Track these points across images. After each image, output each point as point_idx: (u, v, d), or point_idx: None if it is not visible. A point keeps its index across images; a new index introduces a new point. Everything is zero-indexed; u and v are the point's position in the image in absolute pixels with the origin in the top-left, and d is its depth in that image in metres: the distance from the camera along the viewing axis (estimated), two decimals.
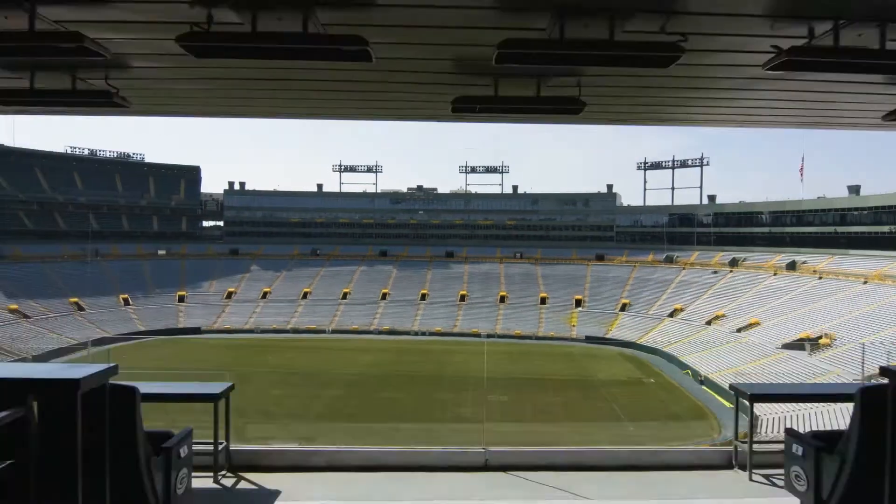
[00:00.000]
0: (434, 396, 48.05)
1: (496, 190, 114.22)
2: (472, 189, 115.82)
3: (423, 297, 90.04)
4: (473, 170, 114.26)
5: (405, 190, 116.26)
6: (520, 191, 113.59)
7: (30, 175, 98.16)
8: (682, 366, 59.33)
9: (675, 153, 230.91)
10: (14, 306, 69.99)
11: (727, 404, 45.96)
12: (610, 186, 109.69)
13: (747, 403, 7.24)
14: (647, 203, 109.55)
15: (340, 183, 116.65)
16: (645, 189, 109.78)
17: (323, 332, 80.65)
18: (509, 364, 61.00)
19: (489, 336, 78.52)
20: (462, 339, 77.38)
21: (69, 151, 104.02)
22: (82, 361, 57.43)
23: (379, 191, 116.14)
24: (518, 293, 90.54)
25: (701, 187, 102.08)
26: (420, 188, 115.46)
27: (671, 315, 76.64)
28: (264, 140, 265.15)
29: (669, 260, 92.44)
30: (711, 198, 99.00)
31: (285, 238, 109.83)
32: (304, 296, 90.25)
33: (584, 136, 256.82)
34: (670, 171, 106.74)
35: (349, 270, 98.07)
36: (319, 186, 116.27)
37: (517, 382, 52.84)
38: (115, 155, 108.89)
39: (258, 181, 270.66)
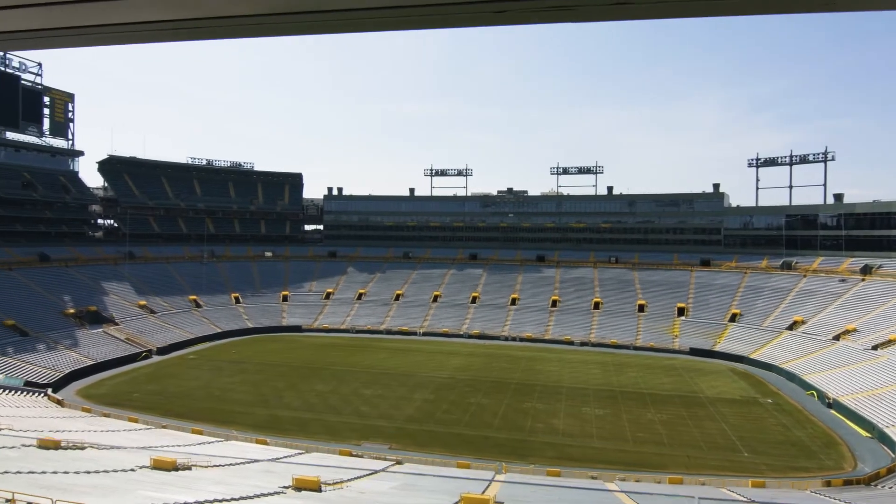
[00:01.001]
0: (525, 405, 46.83)
1: (589, 191, 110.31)
2: (564, 191, 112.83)
3: (514, 301, 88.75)
4: (565, 171, 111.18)
5: (495, 193, 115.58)
6: (615, 192, 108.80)
7: (157, 184, 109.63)
8: (806, 385, 53.18)
9: (792, 147, 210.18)
10: (143, 302, 78.16)
11: (863, 433, 40.50)
12: (716, 186, 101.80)
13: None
14: (760, 203, 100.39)
15: (431, 187, 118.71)
16: (757, 188, 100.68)
17: (414, 333, 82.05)
18: (605, 375, 58.28)
19: (583, 344, 75.67)
20: (553, 345, 75.27)
21: (190, 161, 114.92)
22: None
23: (469, 194, 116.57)
24: (613, 299, 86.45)
25: (825, 185, 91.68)
26: (510, 191, 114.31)
27: (790, 328, 69.21)
28: (360, 146, 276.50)
29: (787, 266, 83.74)
30: (838, 196, 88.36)
31: (379, 241, 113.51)
32: (397, 298, 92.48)
33: (687, 132, 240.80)
34: (787, 167, 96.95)
35: (440, 273, 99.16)
36: (411, 190, 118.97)
37: (614, 395, 50.29)
38: (229, 164, 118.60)
39: (354, 186, 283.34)
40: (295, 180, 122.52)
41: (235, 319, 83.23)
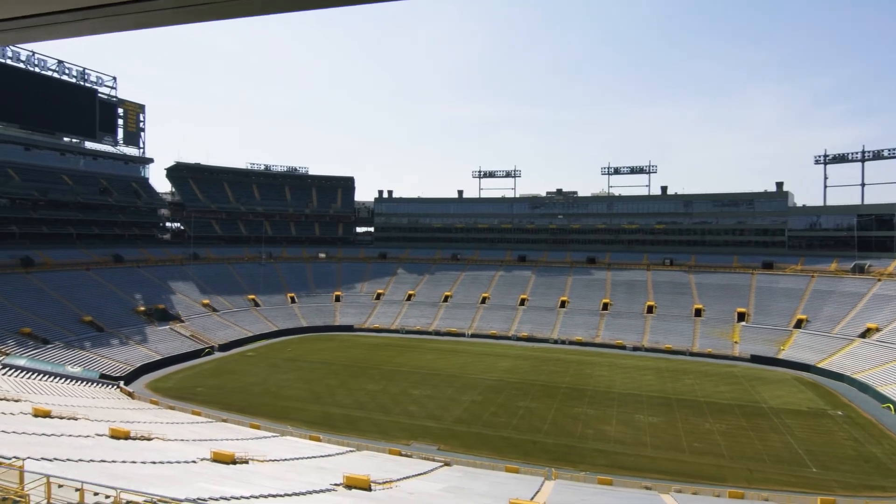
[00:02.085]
0: (575, 410, 46.05)
1: (642, 191, 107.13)
2: (616, 191, 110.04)
3: (563, 304, 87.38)
4: (617, 171, 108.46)
5: (544, 194, 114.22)
6: (669, 191, 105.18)
7: (219, 188, 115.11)
8: (881, 398, 49.57)
9: (864, 143, 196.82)
10: (206, 301, 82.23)
11: None
12: (780, 184, 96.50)
13: None
14: (829, 203, 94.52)
15: (480, 188, 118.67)
16: (825, 186, 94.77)
17: (462, 335, 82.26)
18: (659, 381, 56.46)
19: (635, 349, 73.57)
20: (604, 350, 73.59)
21: (249, 167, 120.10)
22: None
23: (517, 195, 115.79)
24: (668, 303, 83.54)
25: None
26: (559, 191, 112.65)
27: (863, 335, 64.68)
28: (410, 149, 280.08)
29: (859, 269, 78.32)
30: None
31: (428, 243, 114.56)
32: (445, 299, 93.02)
33: (744, 129, 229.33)
34: (859, 164, 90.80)
35: (488, 275, 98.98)
36: (460, 192, 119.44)
37: (669, 402, 48.65)
38: (285, 169, 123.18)
39: (404, 189, 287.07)
40: (347, 184, 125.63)
41: (291, 318, 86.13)
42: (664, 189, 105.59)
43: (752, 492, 30.00)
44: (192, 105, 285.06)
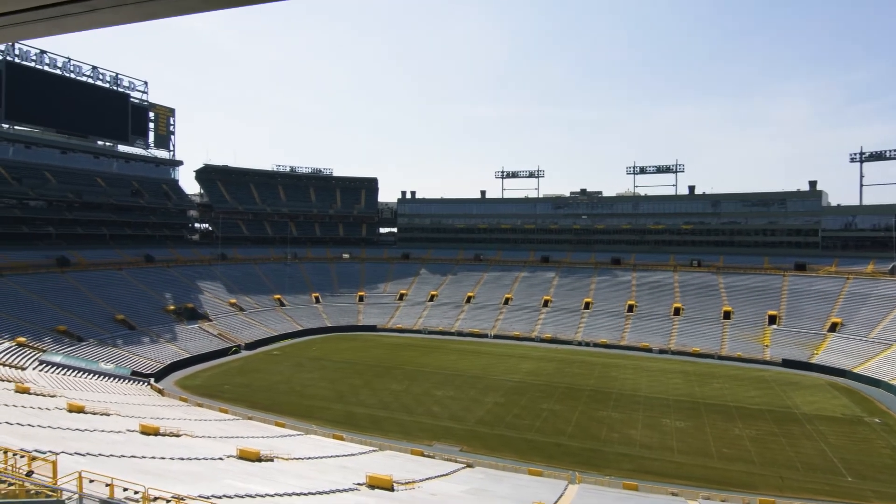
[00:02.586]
0: (599, 414, 45.44)
1: (669, 191, 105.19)
2: (641, 191, 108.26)
3: (587, 305, 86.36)
4: (643, 170, 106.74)
5: (567, 194, 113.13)
6: (697, 191, 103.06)
7: (246, 190, 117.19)
8: None
9: None
10: (233, 300, 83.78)
11: None
12: (813, 183, 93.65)
13: None
14: (865, 202, 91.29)
15: (503, 189, 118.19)
16: (861, 185, 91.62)
17: (485, 336, 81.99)
18: (687, 385, 55.33)
19: (661, 352, 72.24)
20: (629, 352, 72.47)
21: (275, 168, 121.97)
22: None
23: (541, 195, 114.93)
24: (695, 305, 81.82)
25: None
26: (584, 191, 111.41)
27: None
28: (432, 150, 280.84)
29: None
30: None
31: (451, 243, 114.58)
32: (468, 300, 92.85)
33: (774, 127, 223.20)
34: None
35: (510, 276, 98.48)
36: (482, 193, 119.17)
37: (697, 407, 47.62)
38: (310, 170, 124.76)
39: (427, 189, 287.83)
40: (370, 185, 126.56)
41: (315, 318, 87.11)
42: (692, 189, 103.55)
43: (783, 500, 29.13)
44: (221, 108, 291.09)
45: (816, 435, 40.50)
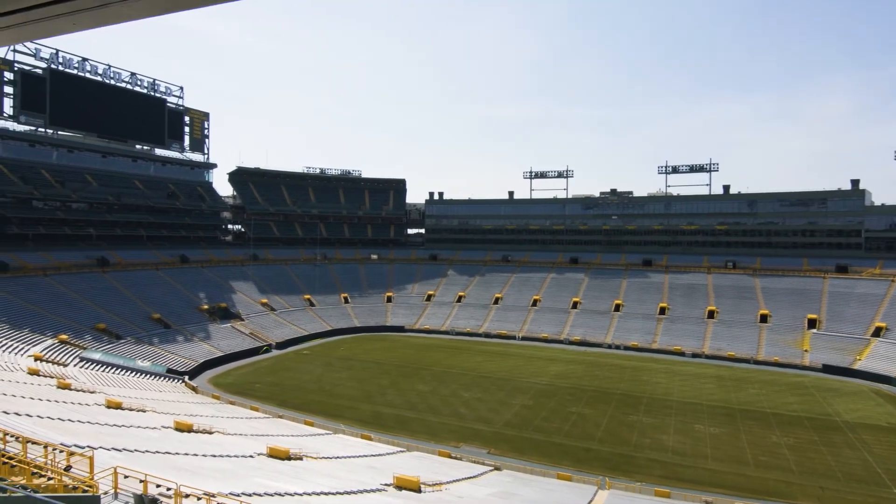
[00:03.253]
0: (630, 418, 44.54)
1: (702, 191, 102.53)
2: (674, 191, 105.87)
3: (617, 307, 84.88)
4: (675, 169, 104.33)
5: (597, 194, 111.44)
6: (732, 191, 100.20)
7: (277, 192, 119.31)
8: None
9: None
10: (264, 300, 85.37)
11: None
12: (855, 182, 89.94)
13: None
14: None
15: (531, 189, 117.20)
16: None
17: (513, 338, 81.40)
18: (721, 390, 53.80)
19: (695, 356, 70.44)
20: (661, 356, 70.90)
21: (305, 170, 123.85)
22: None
23: (570, 196, 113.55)
24: (730, 308, 79.51)
25: None
26: (614, 192, 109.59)
27: None
28: (460, 150, 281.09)
29: None
30: None
31: (478, 244, 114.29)
32: (496, 301, 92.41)
33: (813, 124, 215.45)
34: None
35: (539, 277, 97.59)
36: (510, 194, 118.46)
37: (732, 413, 46.24)
38: (339, 172, 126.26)
39: (455, 191, 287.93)
40: (399, 186, 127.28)
41: (344, 318, 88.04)
42: (726, 188, 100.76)
43: None
44: (253, 111, 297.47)
45: (859, 444, 38.81)
